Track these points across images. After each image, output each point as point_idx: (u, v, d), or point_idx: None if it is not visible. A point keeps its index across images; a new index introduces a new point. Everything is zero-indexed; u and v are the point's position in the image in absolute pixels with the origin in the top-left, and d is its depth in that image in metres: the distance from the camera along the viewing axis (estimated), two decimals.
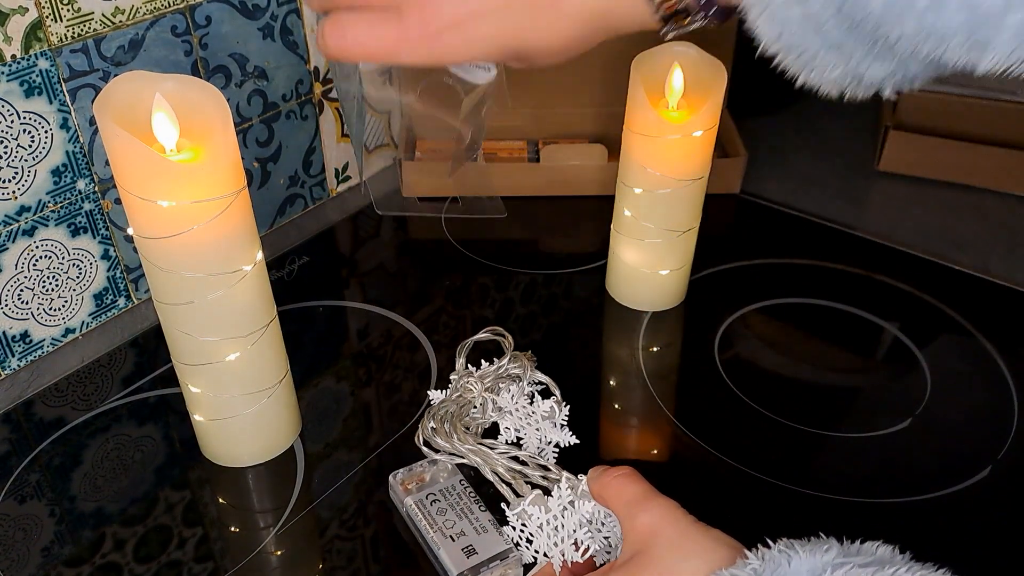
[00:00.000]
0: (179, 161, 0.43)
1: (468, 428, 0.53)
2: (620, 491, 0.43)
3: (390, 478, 0.50)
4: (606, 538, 0.46)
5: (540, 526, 0.46)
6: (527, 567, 0.46)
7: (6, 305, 0.58)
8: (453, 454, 0.51)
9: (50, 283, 0.60)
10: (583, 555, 0.45)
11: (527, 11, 0.37)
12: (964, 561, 0.48)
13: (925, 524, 0.50)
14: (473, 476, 0.51)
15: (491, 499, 0.49)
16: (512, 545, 0.46)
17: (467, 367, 0.57)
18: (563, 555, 0.46)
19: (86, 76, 0.58)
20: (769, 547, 0.35)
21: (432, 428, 0.52)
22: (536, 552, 0.46)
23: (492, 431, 0.54)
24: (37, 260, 0.59)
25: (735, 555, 0.36)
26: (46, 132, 0.57)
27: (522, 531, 0.47)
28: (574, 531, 0.46)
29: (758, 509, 0.51)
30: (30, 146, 0.56)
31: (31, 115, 0.55)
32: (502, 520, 0.48)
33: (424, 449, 0.52)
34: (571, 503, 0.47)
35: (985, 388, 0.60)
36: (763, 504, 0.51)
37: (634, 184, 0.61)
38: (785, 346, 0.65)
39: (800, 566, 0.33)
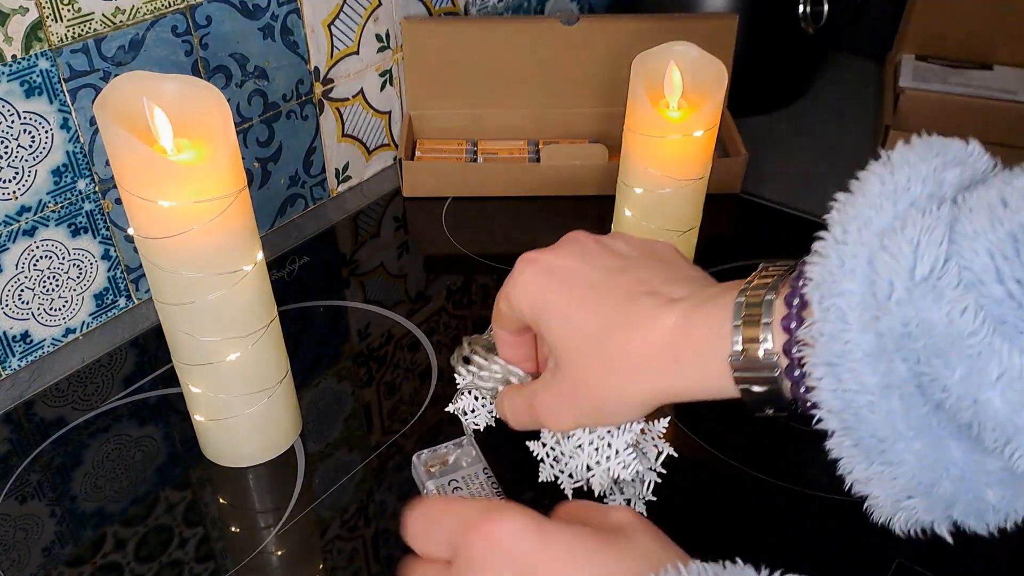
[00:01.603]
0: (180, 161, 0.43)
1: None
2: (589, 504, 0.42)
3: (414, 458, 0.50)
4: (650, 469, 0.44)
5: (581, 445, 0.43)
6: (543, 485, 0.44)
7: (7, 305, 0.58)
8: (491, 373, 0.48)
9: (50, 283, 0.60)
10: (628, 474, 0.43)
11: (590, 415, 0.39)
12: (964, 562, 0.48)
13: None
14: (497, 463, 0.50)
15: (512, 486, 0.49)
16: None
17: None
18: (610, 472, 0.43)
19: (86, 76, 0.58)
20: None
21: (468, 346, 0.49)
22: (561, 472, 0.44)
23: None
24: (37, 260, 0.59)
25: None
26: (46, 132, 0.57)
27: (552, 449, 0.44)
28: (626, 448, 0.43)
29: (758, 509, 0.51)
30: (30, 146, 0.56)
31: (31, 115, 0.55)
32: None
33: (460, 369, 0.49)
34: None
35: None
36: (763, 504, 0.51)
37: (635, 184, 0.61)
38: None
39: None
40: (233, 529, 0.50)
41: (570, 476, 0.44)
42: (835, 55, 1.10)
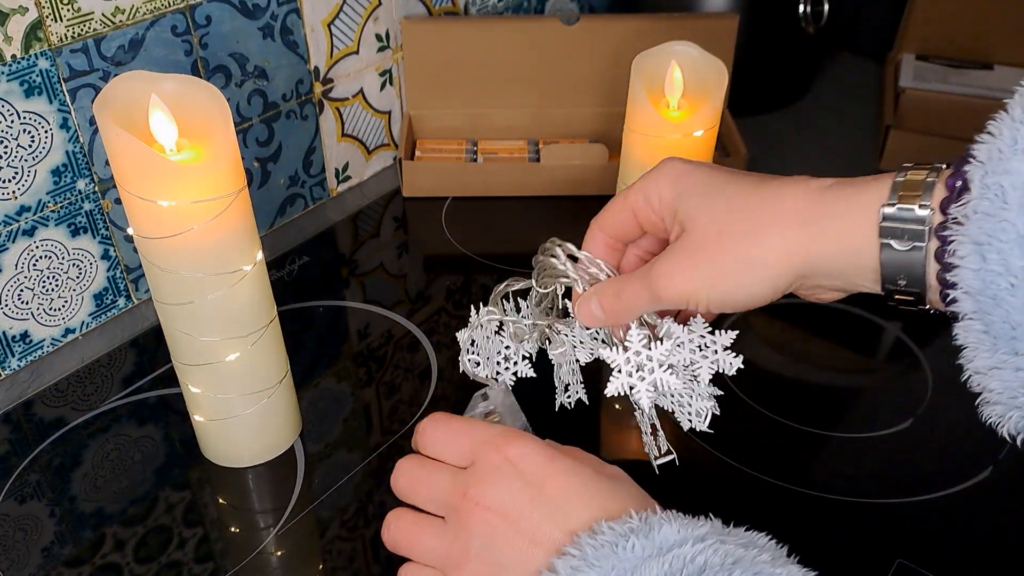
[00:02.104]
0: (179, 161, 0.43)
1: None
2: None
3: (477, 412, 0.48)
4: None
5: (681, 343, 0.43)
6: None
7: (6, 305, 0.58)
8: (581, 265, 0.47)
9: (50, 283, 0.60)
10: (737, 365, 0.42)
11: (710, 279, 0.38)
12: (965, 562, 0.48)
13: (926, 525, 0.50)
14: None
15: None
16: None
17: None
18: (720, 364, 0.42)
19: (86, 76, 0.58)
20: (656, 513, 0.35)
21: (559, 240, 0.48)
22: (642, 379, 0.42)
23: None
24: (37, 260, 0.59)
25: (643, 505, 0.36)
26: (46, 132, 0.57)
27: (638, 354, 0.42)
28: (727, 348, 0.42)
29: (758, 509, 0.51)
30: (30, 146, 0.56)
31: (31, 115, 0.55)
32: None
33: (552, 259, 0.48)
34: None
35: None
36: (763, 504, 0.51)
37: None
38: (786, 346, 0.65)
39: (668, 534, 0.33)
40: (232, 529, 0.50)
41: (651, 385, 0.43)
42: (836, 55, 1.09)
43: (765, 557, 0.32)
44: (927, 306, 0.35)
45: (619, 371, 0.44)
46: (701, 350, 0.44)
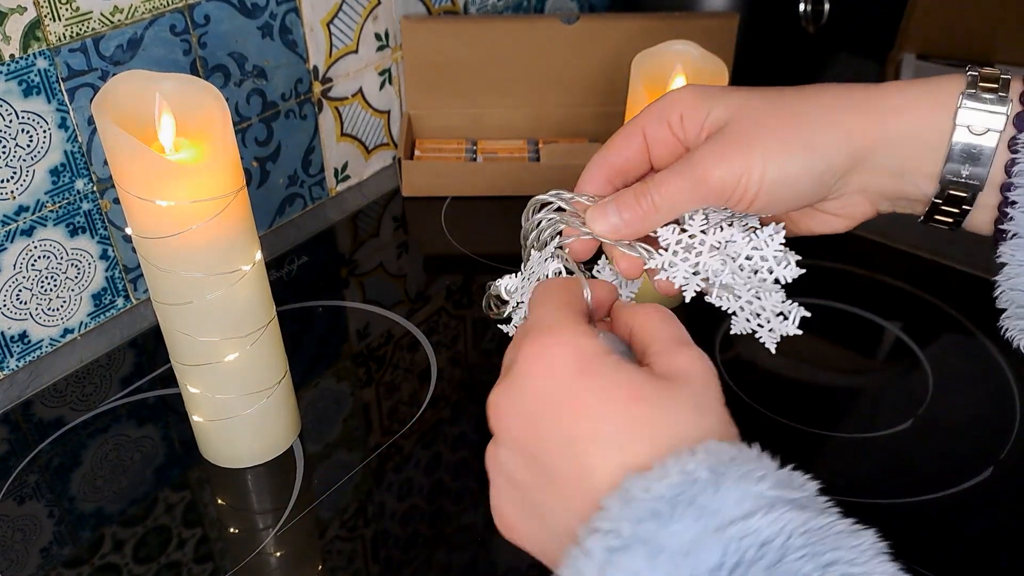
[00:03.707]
0: (178, 161, 0.43)
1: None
2: (665, 326, 0.36)
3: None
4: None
5: (753, 228, 0.38)
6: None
7: (4, 305, 0.58)
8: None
9: (48, 283, 0.60)
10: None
11: (762, 160, 0.35)
12: (965, 562, 0.48)
13: (926, 525, 0.50)
14: None
15: None
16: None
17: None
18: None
19: (85, 75, 0.57)
20: (693, 454, 0.28)
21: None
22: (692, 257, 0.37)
23: None
24: (35, 260, 0.59)
25: (731, 437, 0.31)
26: (44, 132, 0.56)
27: (691, 237, 0.37)
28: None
29: None
30: (28, 146, 0.56)
31: (29, 115, 0.55)
32: None
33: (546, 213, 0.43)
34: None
35: (987, 388, 0.60)
36: None
37: None
38: (786, 346, 0.64)
39: (728, 495, 0.27)
40: (232, 530, 0.50)
41: (696, 273, 0.38)
42: (836, 55, 1.09)
43: (839, 528, 0.27)
44: (969, 207, 0.35)
45: (665, 250, 0.38)
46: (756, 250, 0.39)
